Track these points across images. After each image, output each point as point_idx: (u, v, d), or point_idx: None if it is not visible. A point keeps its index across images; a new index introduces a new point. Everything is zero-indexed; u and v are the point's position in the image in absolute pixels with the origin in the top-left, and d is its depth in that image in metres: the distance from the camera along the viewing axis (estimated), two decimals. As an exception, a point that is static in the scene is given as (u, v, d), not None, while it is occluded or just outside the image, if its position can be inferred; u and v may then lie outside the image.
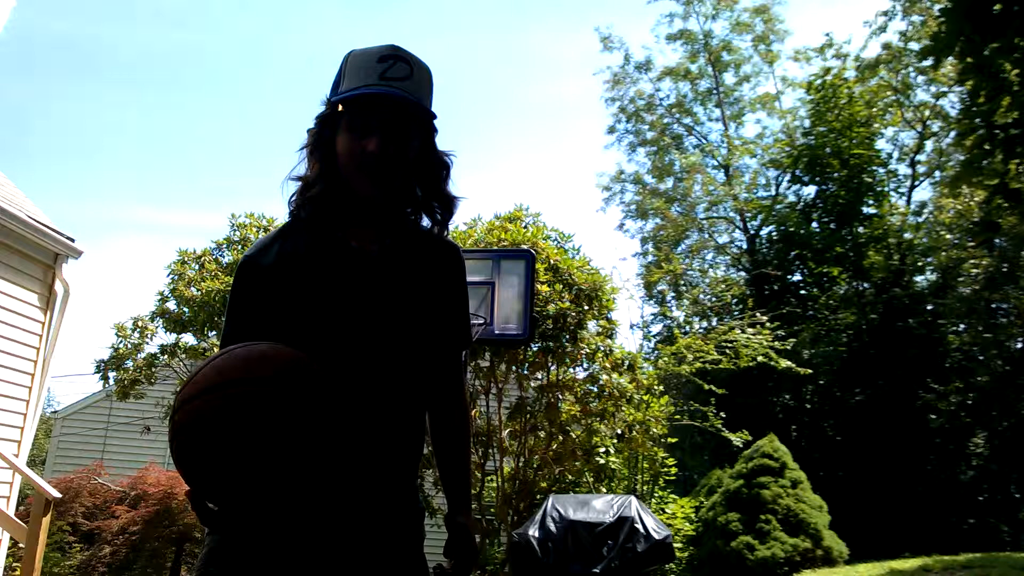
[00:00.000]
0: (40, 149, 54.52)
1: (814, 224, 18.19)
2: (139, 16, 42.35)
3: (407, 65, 1.44)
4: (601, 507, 5.48)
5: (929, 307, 15.91)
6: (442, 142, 1.55)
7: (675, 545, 6.30)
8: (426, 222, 1.58)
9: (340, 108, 1.43)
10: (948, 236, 15.99)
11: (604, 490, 7.48)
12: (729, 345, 9.72)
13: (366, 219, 1.49)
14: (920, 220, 17.92)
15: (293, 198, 1.50)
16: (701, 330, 14.65)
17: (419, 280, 1.50)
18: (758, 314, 11.08)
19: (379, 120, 1.41)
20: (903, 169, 18.55)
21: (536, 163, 45.25)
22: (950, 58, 5.97)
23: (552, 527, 5.35)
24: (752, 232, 19.81)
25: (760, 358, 9.74)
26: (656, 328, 17.90)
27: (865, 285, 17.14)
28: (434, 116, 1.49)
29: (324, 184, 1.46)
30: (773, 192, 19.74)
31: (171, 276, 9.05)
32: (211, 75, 50.46)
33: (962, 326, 14.94)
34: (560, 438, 7.19)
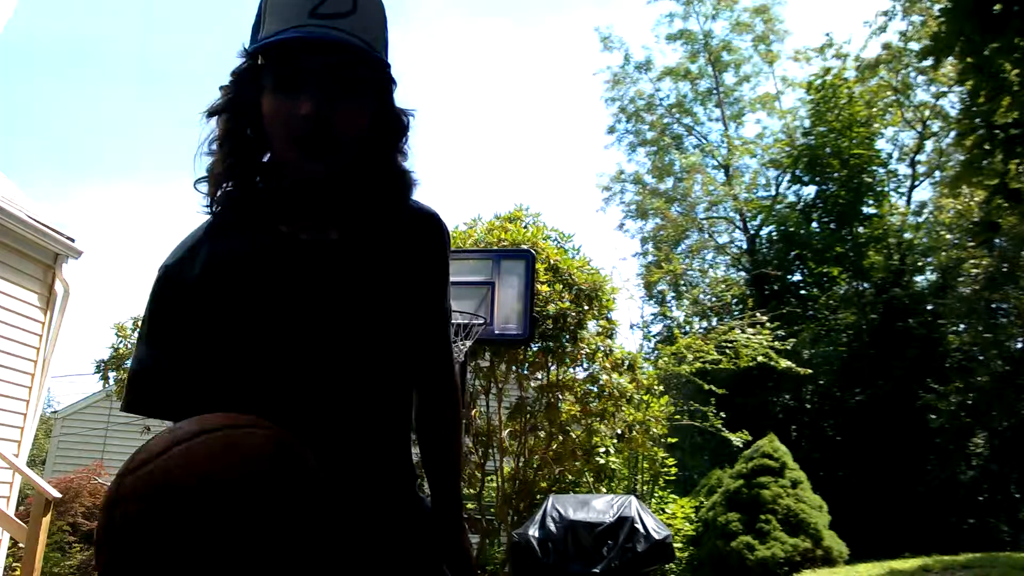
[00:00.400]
0: (40, 149, 54.53)
1: (814, 224, 18.20)
2: (138, 14, 42.38)
3: None
4: (601, 507, 5.49)
5: (929, 307, 15.91)
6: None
7: (675, 545, 6.30)
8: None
9: (260, 60, 1.08)
10: (948, 236, 16.00)
11: (604, 490, 7.48)
12: (729, 345, 9.73)
13: (313, 201, 1.16)
14: (920, 220, 17.93)
15: (207, 182, 1.14)
16: (701, 330, 14.67)
17: (391, 267, 1.18)
18: (758, 314, 11.09)
19: (312, 73, 1.05)
20: (903, 169, 18.58)
21: (536, 163, 45.27)
22: (950, 58, 5.97)
23: (552, 527, 5.35)
24: (752, 232, 19.82)
25: (760, 358, 9.75)
26: (656, 328, 17.93)
27: (865, 285, 17.15)
28: (386, 65, 1.12)
29: (238, 160, 1.11)
30: (773, 192, 19.75)
31: (171, 276, 9.05)
32: (211, 72, 50.45)
33: (962, 326, 14.94)
34: (560, 438, 7.20)
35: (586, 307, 7.21)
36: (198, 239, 1.15)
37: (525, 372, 7.34)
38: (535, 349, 7.15)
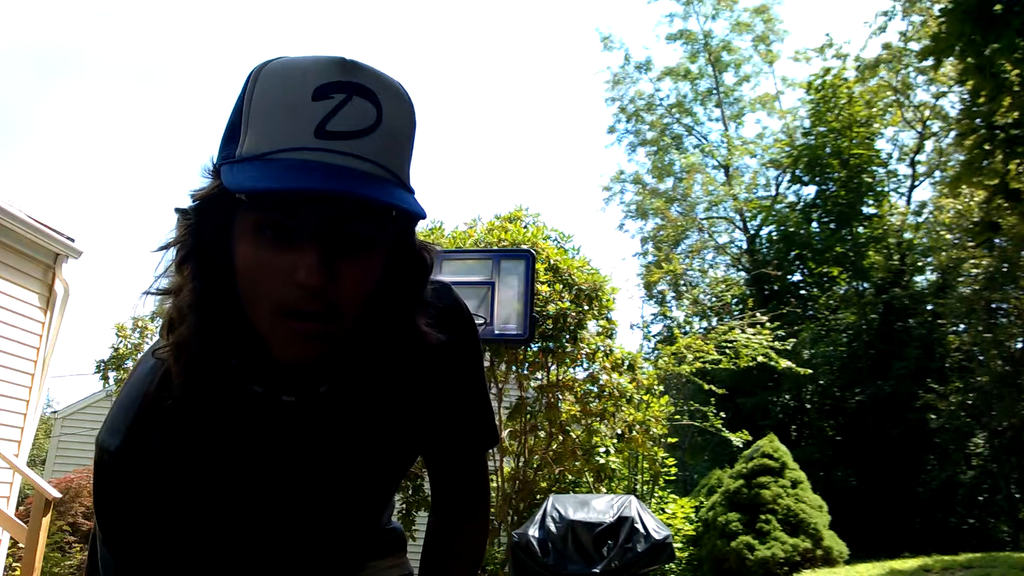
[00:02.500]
0: (40, 149, 54.54)
1: (814, 224, 18.23)
2: (135, 13, 42.37)
3: (370, 103, 0.76)
4: (601, 507, 5.48)
5: (929, 307, 15.92)
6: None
7: (675, 545, 6.30)
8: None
9: (240, 196, 0.75)
10: (948, 236, 16.01)
11: (604, 490, 7.48)
12: (729, 345, 9.72)
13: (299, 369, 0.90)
14: (920, 220, 17.96)
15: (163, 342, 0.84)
16: (701, 330, 14.68)
17: (401, 403, 0.95)
18: (758, 314, 11.09)
19: (318, 224, 0.75)
20: (903, 169, 18.61)
21: (536, 163, 45.30)
22: (950, 58, 5.98)
23: (552, 527, 5.34)
24: (752, 232, 19.85)
25: (760, 358, 9.75)
26: (656, 328, 17.98)
27: (865, 285, 17.16)
28: (421, 215, 0.79)
29: (204, 330, 0.80)
30: (773, 192, 19.78)
31: (171, 276, 9.06)
32: (211, 70, 50.50)
33: (962, 326, 14.95)
34: (560, 438, 7.19)
35: (586, 307, 7.21)
36: (151, 410, 0.85)
37: (525, 372, 7.34)
38: (535, 349, 7.15)
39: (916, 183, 18.22)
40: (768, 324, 10.59)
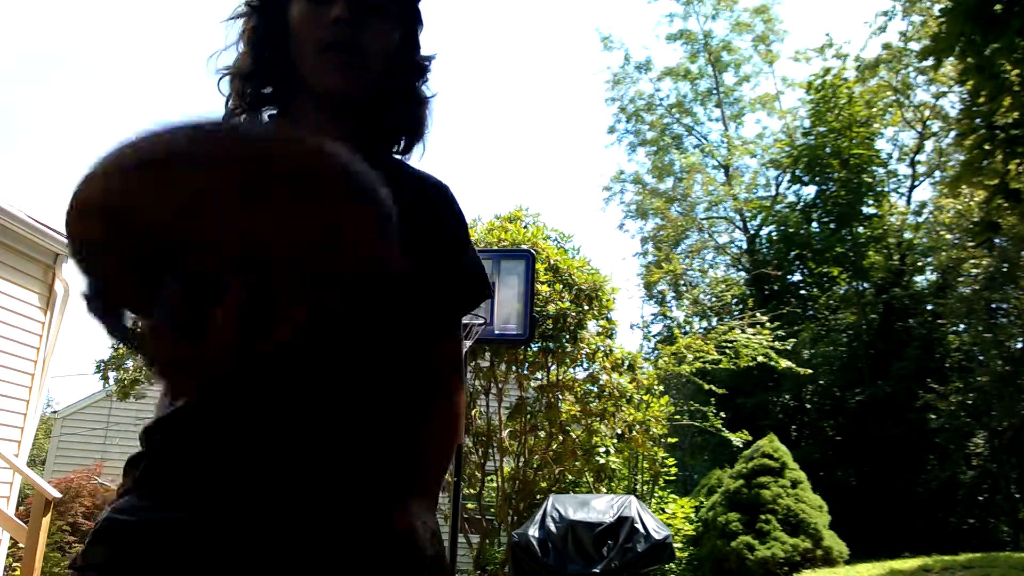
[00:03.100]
0: (40, 149, 54.57)
1: (814, 224, 18.21)
2: (137, 13, 42.40)
3: None
4: (601, 507, 5.48)
5: (929, 307, 15.91)
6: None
7: (675, 545, 6.30)
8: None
9: None
10: (948, 236, 16.00)
11: (604, 490, 7.48)
12: (729, 345, 9.72)
13: (337, 125, 1.03)
14: (920, 220, 17.94)
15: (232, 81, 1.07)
16: (701, 330, 14.68)
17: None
18: (758, 314, 11.09)
19: None
20: (903, 169, 18.59)
21: (536, 163, 45.32)
22: (950, 58, 5.98)
23: (552, 527, 5.35)
24: (752, 232, 19.83)
25: (760, 358, 9.75)
26: (656, 328, 17.95)
27: (865, 285, 17.15)
28: None
29: (270, 56, 1.03)
30: (773, 192, 19.77)
31: (171, 276, 9.04)
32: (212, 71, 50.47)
33: (962, 326, 14.93)
34: (560, 438, 7.20)
35: (586, 307, 7.21)
36: None
37: (525, 372, 7.34)
38: (535, 349, 7.15)
39: (916, 183, 18.21)
40: (768, 324, 10.59)
